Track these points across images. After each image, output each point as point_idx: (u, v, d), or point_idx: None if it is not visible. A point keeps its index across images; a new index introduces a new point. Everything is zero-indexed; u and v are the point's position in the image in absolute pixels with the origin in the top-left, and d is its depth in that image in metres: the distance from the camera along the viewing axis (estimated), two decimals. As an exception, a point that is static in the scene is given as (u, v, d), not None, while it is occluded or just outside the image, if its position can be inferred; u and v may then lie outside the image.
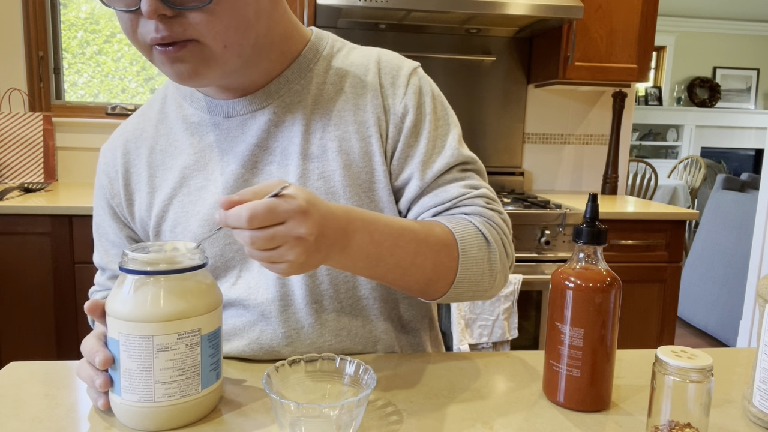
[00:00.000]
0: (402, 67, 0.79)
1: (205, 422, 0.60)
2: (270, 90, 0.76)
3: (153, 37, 0.63)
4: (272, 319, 0.76)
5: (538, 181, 2.73)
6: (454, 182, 0.77)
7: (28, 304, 1.90)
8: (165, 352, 0.56)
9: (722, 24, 6.87)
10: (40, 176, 2.37)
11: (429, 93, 0.79)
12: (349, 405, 0.55)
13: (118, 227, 0.82)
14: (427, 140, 0.77)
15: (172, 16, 0.62)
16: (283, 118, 0.76)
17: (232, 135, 0.76)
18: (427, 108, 0.78)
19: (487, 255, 0.73)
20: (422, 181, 0.76)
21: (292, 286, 0.76)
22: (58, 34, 2.49)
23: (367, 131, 0.76)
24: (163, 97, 0.83)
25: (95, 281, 0.87)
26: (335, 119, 0.76)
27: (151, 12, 0.60)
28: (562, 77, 2.31)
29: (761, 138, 7.12)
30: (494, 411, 0.64)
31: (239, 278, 0.77)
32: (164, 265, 0.57)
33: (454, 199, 0.76)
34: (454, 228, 0.72)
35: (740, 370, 0.78)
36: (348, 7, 2.07)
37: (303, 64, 0.77)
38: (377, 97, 0.77)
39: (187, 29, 0.63)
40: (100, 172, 0.83)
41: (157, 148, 0.79)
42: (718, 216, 3.31)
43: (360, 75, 0.78)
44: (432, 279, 0.70)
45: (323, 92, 0.77)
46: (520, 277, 2.00)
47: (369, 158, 0.76)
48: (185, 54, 0.64)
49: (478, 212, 0.76)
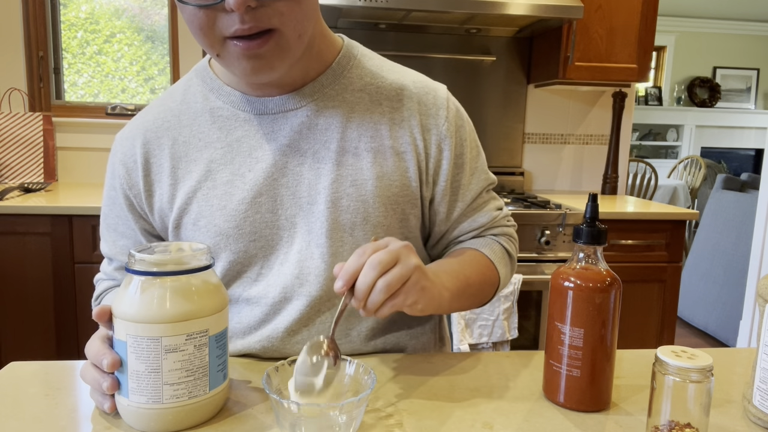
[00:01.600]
0: (437, 88, 0.82)
1: (212, 423, 0.60)
2: (305, 92, 0.76)
3: (238, 28, 0.62)
4: (286, 317, 0.76)
5: (538, 181, 2.73)
6: (485, 206, 0.86)
7: (28, 304, 1.90)
8: (173, 353, 0.56)
9: (722, 24, 6.87)
10: (40, 176, 2.37)
11: (465, 117, 0.84)
12: (349, 405, 0.55)
13: (133, 218, 0.80)
14: (468, 165, 0.83)
15: (255, 7, 0.62)
16: (316, 121, 0.76)
17: (262, 132, 0.76)
18: (466, 134, 0.83)
19: (512, 270, 0.89)
20: (463, 204, 0.84)
21: (310, 285, 0.76)
22: (58, 34, 2.49)
23: (401, 147, 0.78)
24: (185, 88, 0.81)
25: (102, 269, 0.86)
26: (371, 131, 0.77)
27: (240, 4, 0.60)
28: (562, 77, 2.31)
29: (761, 138, 7.12)
30: (494, 411, 0.64)
31: (260, 275, 0.77)
32: (171, 266, 0.57)
33: (488, 223, 0.86)
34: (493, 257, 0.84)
35: (740, 370, 0.78)
36: (348, 7, 2.07)
37: (337, 70, 0.78)
38: (414, 116, 0.79)
39: (272, 18, 0.63)
40: (117, 161, 0.80)
41: (180, 139, 0.78)
42: (718, 216, 3.31)
43: (397, 90, 0.79)
44: (483, 301, 0.84)
45: (361, 102, 0.78)
46: (520, 277, 2.00)
47: (402, 173, 0.78)
48: (266, 49, 0.65)
49: (504, 232, 0.88)
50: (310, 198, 0.75)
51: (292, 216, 0.75)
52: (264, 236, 0.76)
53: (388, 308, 0.62)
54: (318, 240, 0.75)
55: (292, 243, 0.76)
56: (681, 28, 6.84)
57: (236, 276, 0.78)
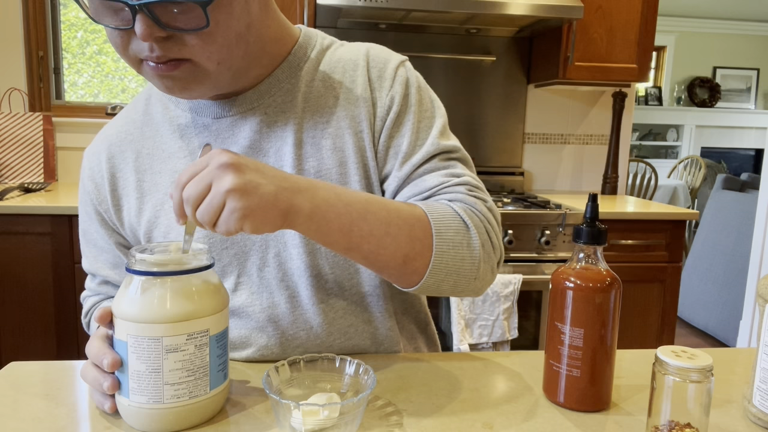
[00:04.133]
0: (389, 60, 0.78)
1: (212, 423, 0.60)
2: (260, 90, 0.75)
3: (147, 55, 0.62)
4: (281, 323, 0.76)
5: (538, 181, 2.73)
6: (435, 171, 0.74)
7: (28, 304, 1.90)
8: (174, 353, 0.56)
9: (722, 24, 6.87)
10: (40, 176, 2.37)
11: (415, 85, 0.77)
12: (349, 405, 0.55)
13: (107, 233, 0.80)
14: (410, 132, 0.75)
15: (166, 37, 0.61)
16: (275, 119, 0.75)
17: (222, 137, 0.75)
18: (412, 99, 0.76)
19: (466, 240, 0.68)
20: (401, 172, 0.74)
21: (297, 287, 0.75)
22: (58, 34, 2.49)
23: (359, 126, 0.75)
24: (146, 98, 0.81)
25: (86, 286, 0.86)
26: (327, 116, 0.75)
27: (146, 35, 0.59)
28: (562, 77, 2.31)
29: (761, 138, 7.12)
30: (494, 411, 0.64)
31: (238, 284, 0.76)
32: (172, 266, 0.57)
33: (433, 188, 0.73)
34: (428, 209, 0.68)
35: (740, 370, 0.78)
36: (348, 7, 2.07)
37: (293, 63, 0.76)
38: (366, 90, 0.76)
39: (182, 49, 0.62)
40: (85, 177, 0.80)
41: (144, 152, 0.77)
42: (718, 216, 3.31)
43: (349, 70, 0.77)
44: (409, 255, 0.66)
45: (313, 89, 0.76)
46: (520, 277, 2.00)
47: (362, 153, 0.75)
48: (178, 72, 0.64)
49: (459, 199, 0.72)
50: None
51: None
52: (236, 242, 0.75)
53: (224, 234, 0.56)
54: (293, 240, 0.74)
55: (266, 247, 0.75)
56: (681, 28, 6.84)
57: None
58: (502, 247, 0.75)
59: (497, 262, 0.74)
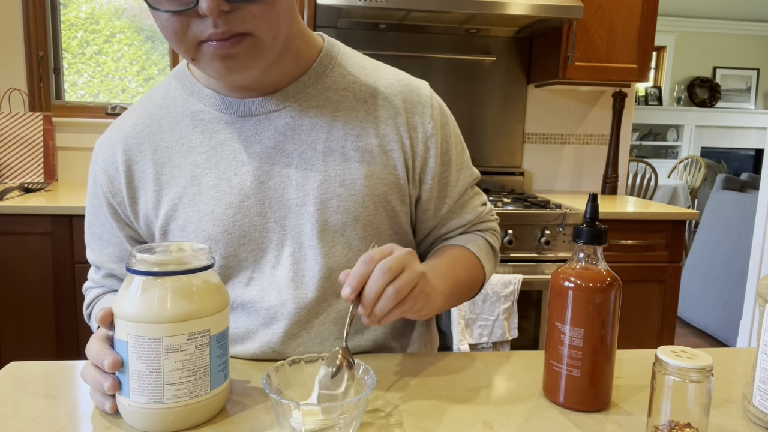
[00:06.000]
0: (420, 86, 0.82)
1: (213, 423, 0.60)
2: (288, 93, 0.76)
3: (212, 32, 0.62)
4: (286, 321, 0.76)
5: (538, 181, 2.73)
6: (471, 201, 0.88)
7: (28, 304, 1.90)
8: (175, 353, 0.56)
9: (722, 24, 6.87)
10: (40, 176, 2.37)
11: (449, 113, 0.85)
12: (349, 405, 0.55)
13: (118, 226, 0.80)
14: (454, 162, 0.83)
15: (228, 11, 0.61)
16: (300, 122, 0.75)
17: (246, 134, 0.75)
18: (450, 129, 0.84)
19: (494, 263, 0.90)
20: (451, 200, 0.85)
21: (306, 287, 0.76)
22: (58, 34, 2.49)
23: (389, 145, 0.77)
24: (164, 92, 0.80)
25: (89, 277, 0.85)
26: (357, 129, 0.76)
27: (212, 8, 0.59)
28: (562, 77, 2.31)
29: (761, 138, 7.12)
30: (494, 411, 0.64)
31: (252, 279, 0.77)
32: (173, 266, 0.57)
33: (474, 219, 0.88)
34: (479, 254, 0.85)
35: (740, 370, 0.78)
36: (348, 7, 2.07)
37: (319, 70, 0.77)
38: (400, 114, 0.78)
39: (245, 22, 0.62)
40: (98, 169, 0.79)
41: (163, 145, 0.77)
42: (718, 216, 3.31)
43: (381, 88, 0.79)
44: (473, 293, 0.86)
45: (345, 100, 0.77)
46: (520, 277, 2.00)
47: (390, 171, 0.77)
48: (240, 49, 0.64)
49: (489, 228, 0.91)
50: (299, 200, 0.75)
51: (281, 218, 0.75)
52: (253, 239, 0.75)
53: (395, 315, 0.62)
54: (310, 242, 0.75)
55: (282, 246, 0.76)
56: (681, 28, 6.84)
57: (227, 281, 0.77)
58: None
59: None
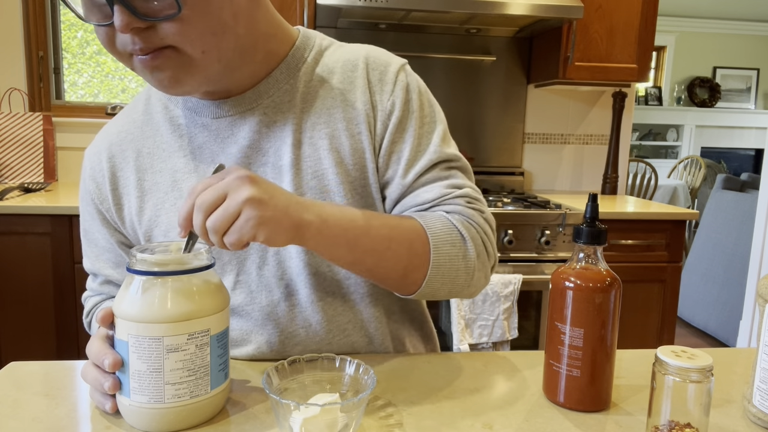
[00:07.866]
0: (390, 63, 0.78)
1: (213, 423, 0.60)
2: (259, 90, 0.75)
3: (132, 48, 0.63)
4: (280, 321, 0.76)
5: (538, 181, 2.73)
6: (437, 182, 0.76)
7: (28, 304, 1.90)
8: (175, 352, 0.56)
9: (722, 24, 6.86)
10: (40, 176, 2.37)
11: (416, 90, 0.78)
12: (349, 405, 0.55)
13: (109, 233, 0.80)
14: (412, 138, 0.76)
15: (146, 27, 0.61)
16: (274, 119, 0.75)
17: (222, 136, 0.75)
18: (413, 105, 0.77)
19: (462, 252, 0.72)
20: (405, 180, 0.76)
21: (296, 285, 0.76)
22: (58, 34, 2.49)
23: (357, 128, 0.76)
24: (146, 98, 0.81)
25: (88, 286, 0.86)
26: (325, 116, 0.75)
27: (123, 27, 0.59)
28: (562, 77, 2.31)
29: (761, 138, 7.12)
30: (494, 411, 0.64)
31: (237, 283, 0.76)
32: (173, 266, 0.57)
33: (435, 199, 0.75)
34: (426, 223, 0.72)
35: (740, 370, 0.78)
36: (348, 7, 2.07)
37: (291, 64, 0.76)
38: (365, 93, 0.76)
39: (163, 38, 0.62)
40: (87, 177, 0.80)
41: (144, 151, 0.78)
42: (718, 216, 3.31)
43: (348, 71, 0.77)
44: (408, 268, 0.70)
45: (311, 89, 0.76)
46: (520, 277, 2.00)
47: (360, 155, 0.76)
48: (163, 61, 0.63)
49: (458, 211, 0.75)
50: None
51: None
52: None
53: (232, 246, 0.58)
54: None
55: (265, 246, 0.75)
56: (681, 28, 6.84)
57: None
58: (496, 254, 0.79)
59: (491, 268, 0.79)
